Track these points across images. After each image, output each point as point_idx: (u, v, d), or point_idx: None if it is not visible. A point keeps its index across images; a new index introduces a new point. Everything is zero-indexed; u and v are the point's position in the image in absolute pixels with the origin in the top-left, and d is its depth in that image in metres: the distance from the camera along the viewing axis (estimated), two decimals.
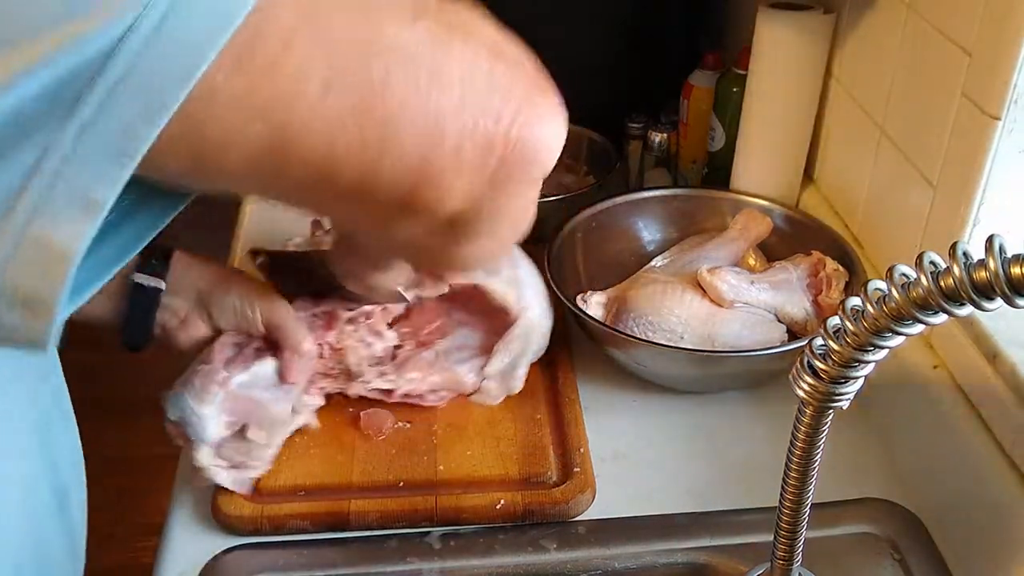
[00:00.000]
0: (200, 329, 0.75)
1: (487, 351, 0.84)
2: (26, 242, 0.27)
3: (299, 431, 0.80)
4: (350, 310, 0.80)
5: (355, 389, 0.81)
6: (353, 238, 0.63)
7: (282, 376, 0.75)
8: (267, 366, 0.75)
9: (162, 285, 0.72)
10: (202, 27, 0.27)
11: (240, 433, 0.74)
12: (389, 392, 0.82)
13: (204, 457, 0.72)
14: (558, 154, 0.39)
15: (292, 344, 0.74)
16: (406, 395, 0.82)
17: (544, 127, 0.37)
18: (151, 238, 0.37)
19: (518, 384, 0.84)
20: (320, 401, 0.80)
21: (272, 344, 0.75)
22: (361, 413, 0.81)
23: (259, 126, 0.30)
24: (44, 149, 0.26)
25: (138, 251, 0.36)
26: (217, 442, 0.73)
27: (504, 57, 0.36)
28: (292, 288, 0.81)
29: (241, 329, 0.75)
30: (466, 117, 0.34)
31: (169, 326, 0.74)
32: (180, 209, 0.38)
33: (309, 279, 0.80)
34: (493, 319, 0.84)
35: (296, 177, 0.33)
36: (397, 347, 0.84)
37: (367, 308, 0.80)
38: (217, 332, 0.76)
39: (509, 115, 0.35)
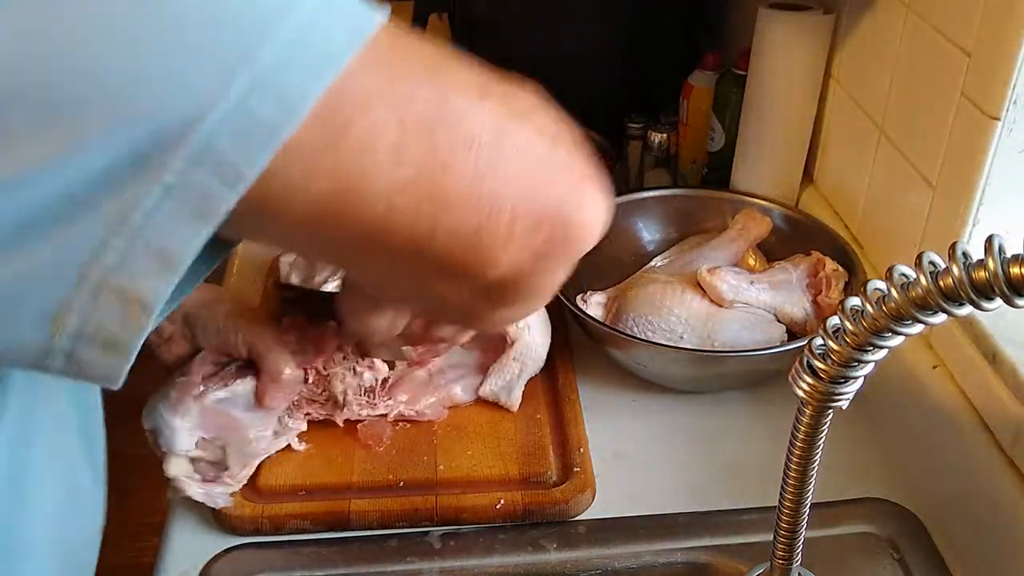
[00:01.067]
0: (183, 347, 0.76)
1: (483, 370, 0.84)
2: (107, 291, 0.29)
3: (299, 431, 0.80)
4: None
5: (342, 417, 0.80)
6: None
7: (257, 400, 0.75)
8: (247, 385, 0.74)
9: None
10: (283, 104, 0.29)
11: (216, 450, 0.74)
12: (383, 415, 0.81)
13: (174, 468, 0.72)
14: (600, 236, 0.42)
15: (271, 370, 0.74)
16: (400, 415, 0.82)
17: (589, 212, 0.40)
18: (198, 283, 0.38)
19: (514, 404, 0.83)
20: (303, 426, 0.79)
21: (255, 365, 0.75)
22: (358, 425, 0.80)
23: (324, 183, 0.31)
24: (129, 207, 0.28)
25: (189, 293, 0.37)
26: (191, 456, 0.73)
27: (559, 143, 0.38)
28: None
29: (223, 351, 0.76)
30: (519, 196, 0.36)
31: (152, 344, 0.75)
32: (225, 257, 0.39)
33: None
34: (489, 337, 0.84)
35: (349, 236, 0.34)
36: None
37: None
38: (199, 350, 0.76)
39: (558, 198, 0.38)
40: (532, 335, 0.84)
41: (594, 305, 0.90)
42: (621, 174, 1.17)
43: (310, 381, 0.78)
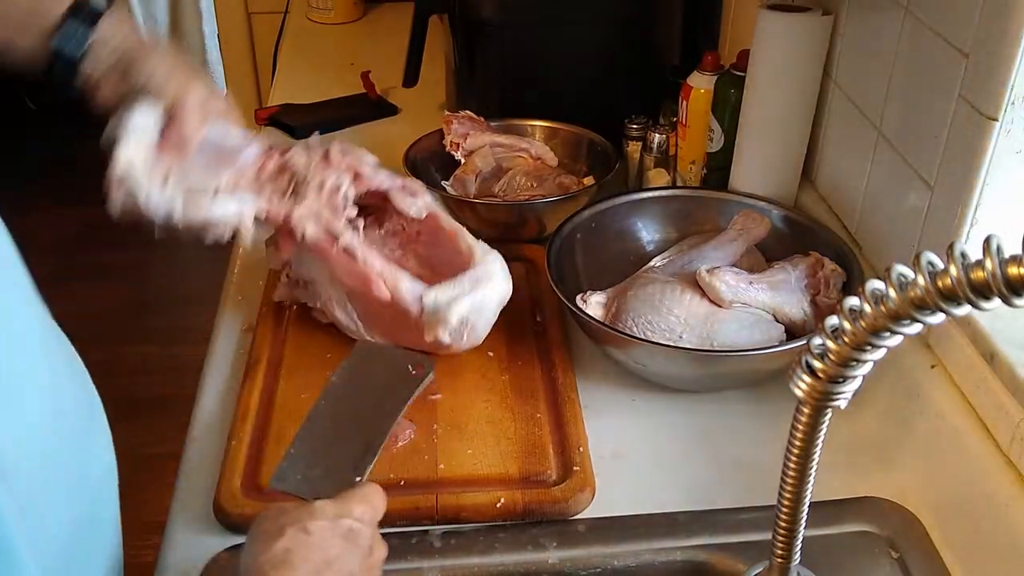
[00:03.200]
0: (110, 87, 0.77)
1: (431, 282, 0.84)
2: None
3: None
4: None
5: (299, 215, 0.82)
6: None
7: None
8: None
9: (77, 54, 0.74)
10: None
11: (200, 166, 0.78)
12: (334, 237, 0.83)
13: (125, 152, 0.74)
14: None
15: (180, 126, 0.77)
16: (349, 247, 0.83)
17: None
18: None
19: (450, 321, 0.81)
20: (264, 204, 0.82)
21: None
22: None
23: None
24: None
25: None
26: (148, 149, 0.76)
27: None
28: None
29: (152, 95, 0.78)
30: None
31: (90, 83, 0.76)
32: None
33: None
34: (455, 268, 0.85)
35: None
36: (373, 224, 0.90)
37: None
38: (131, 91, 0.77)
39: None
40: (494, 267, 0.85)
41: (594, 305, 0.90)
42: (621, 174, 1.17)
43: (271, 167, 0.83)
